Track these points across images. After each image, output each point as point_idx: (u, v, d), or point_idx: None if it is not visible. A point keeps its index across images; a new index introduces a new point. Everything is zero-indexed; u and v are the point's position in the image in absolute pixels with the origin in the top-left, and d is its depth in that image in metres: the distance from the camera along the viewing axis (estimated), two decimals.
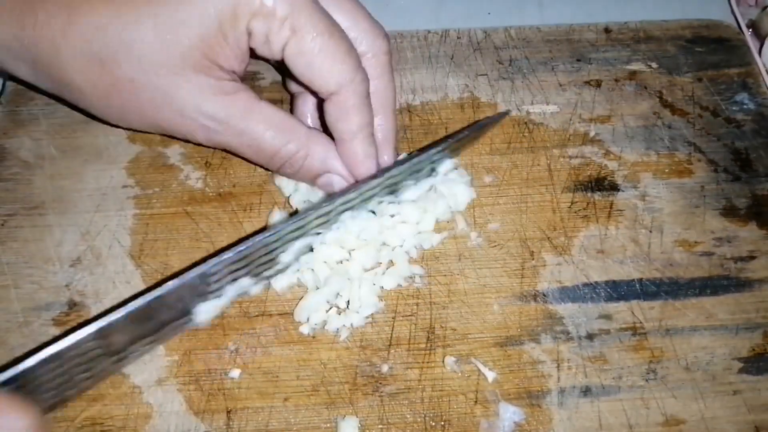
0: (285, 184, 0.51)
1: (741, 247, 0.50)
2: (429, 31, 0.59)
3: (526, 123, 0.55)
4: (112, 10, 0.43)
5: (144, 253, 0.49)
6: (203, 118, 0.45)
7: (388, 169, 0.48)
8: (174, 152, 0.54)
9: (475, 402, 0.44)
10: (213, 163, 0.53)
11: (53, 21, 0.44)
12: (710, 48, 0.59)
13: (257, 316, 0.47)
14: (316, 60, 0.43)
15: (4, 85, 0.57)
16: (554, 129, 0.55)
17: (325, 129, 0.48)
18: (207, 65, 0.44)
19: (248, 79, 0.57)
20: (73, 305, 0.47)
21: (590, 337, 0.47)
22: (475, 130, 0.51)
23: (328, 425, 0.44)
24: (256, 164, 0.52)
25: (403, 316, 0.47)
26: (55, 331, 0.46)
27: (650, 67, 0.58)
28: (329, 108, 0.45)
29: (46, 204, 0.51)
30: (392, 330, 0.47)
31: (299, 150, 0.47)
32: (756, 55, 0.58)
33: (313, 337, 0.46)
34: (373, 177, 0.47)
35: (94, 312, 0.47)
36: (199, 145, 0.50)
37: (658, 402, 0.45)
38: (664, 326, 0.47)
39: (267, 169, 0.52)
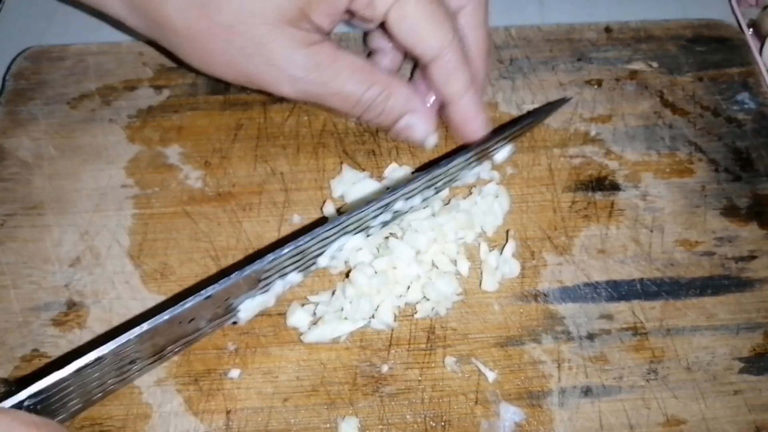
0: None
1: (742, 247, 0.50)
2: None
3: None
4: None
5: (143, 253, 0.49)
6: (292, 67, 0.46)
7: (483, 141, 0.49)
8: (173, 152, 0.53)
9: (476, 402, 0.44)
10: (212, 163, 0.53)
11: None
12: (711, 47, 0.59)
13: (256, 316, 0.47)
14: (419, 24, 0.45)
15: (3, 85, 0.57)
16: (555, 128, 0.55)
17: None
18: (299, 19, 0.45)
19: None
20: (72, 305, 0.47)
21: (591, 337, 0.46)
22: (538, 116, 0.53)
23: (328, 425, 0.44)
24: (340, 114, 0.53)
25: (403, 316, 0.47)
26: (54, 331, 0.46)
27: (651, 66, 0.58)
28: (434, 72, 0.47)
29: (45, 204, 0.51)
30: (392, 330, 0.47)
31: (382, 92, 0.48)
32: (757, 55, 0.58)
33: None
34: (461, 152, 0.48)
35: (93, 312, 0.47)
36: (282, 99, 0.52)
37: (659, 402, 0.44)
38: (664, 326, 0.47)
39: (349, 116, 0.53)
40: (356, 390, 0.45)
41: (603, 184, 0.52)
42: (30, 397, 0.37)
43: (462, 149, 0.49)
